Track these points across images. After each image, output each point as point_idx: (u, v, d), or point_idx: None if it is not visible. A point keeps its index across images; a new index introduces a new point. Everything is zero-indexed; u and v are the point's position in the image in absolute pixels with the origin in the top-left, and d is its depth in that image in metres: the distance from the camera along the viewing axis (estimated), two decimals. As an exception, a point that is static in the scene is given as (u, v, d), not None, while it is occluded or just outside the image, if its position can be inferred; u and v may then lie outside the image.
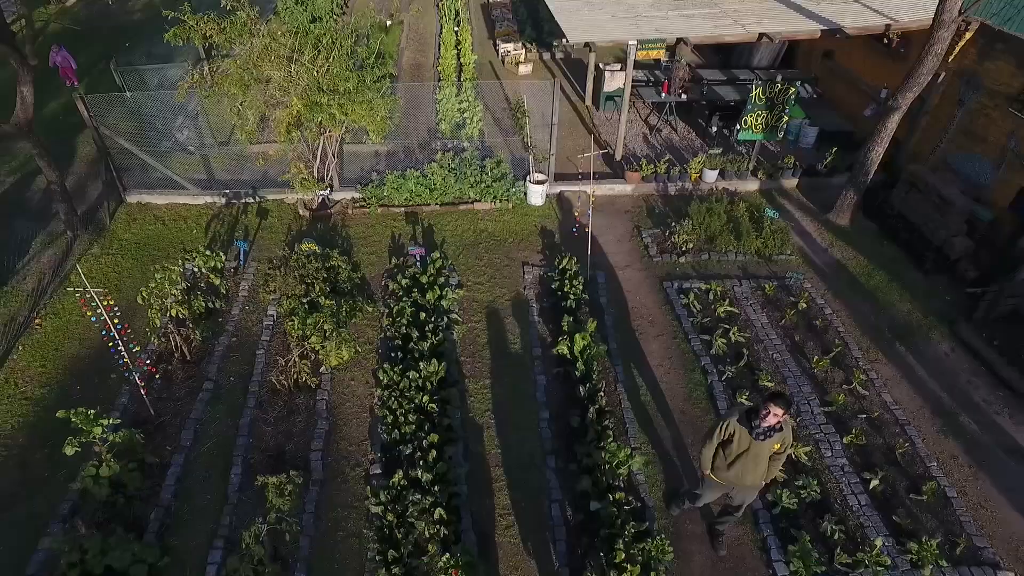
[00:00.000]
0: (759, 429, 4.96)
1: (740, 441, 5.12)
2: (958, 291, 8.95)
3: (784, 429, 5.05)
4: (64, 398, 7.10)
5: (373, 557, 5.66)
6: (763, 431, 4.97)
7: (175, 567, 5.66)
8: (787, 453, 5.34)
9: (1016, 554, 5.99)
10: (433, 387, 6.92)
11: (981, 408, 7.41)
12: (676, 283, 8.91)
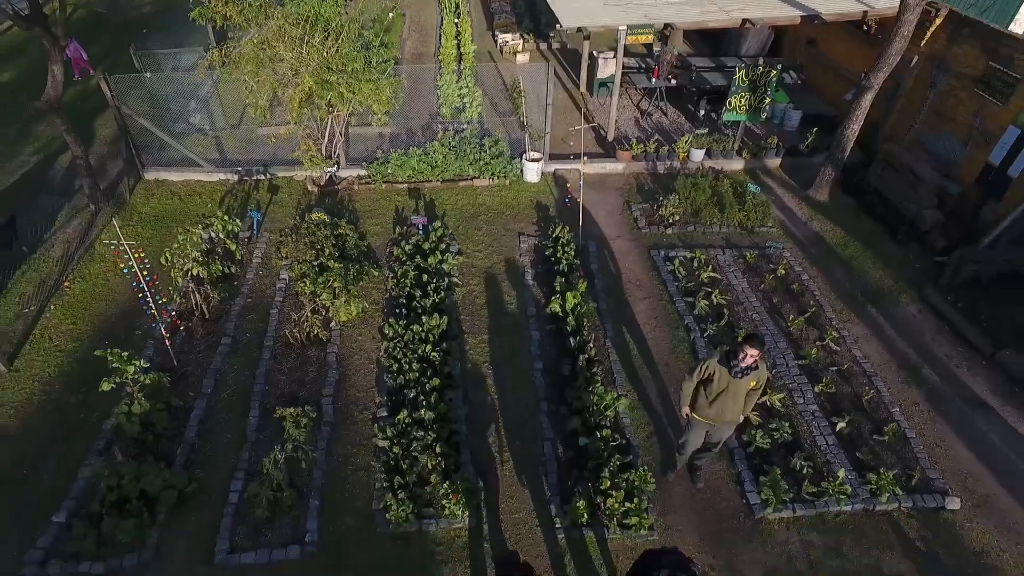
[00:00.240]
0: (737, 368, 5.48)
1: (720, 380, 5.62)
2: (927, 260, 9.50)
3: (759, 367, 5.57)
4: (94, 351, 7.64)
5: (381, 485, 6.20)
6: (740, 370, 5.49)
7: (201, 494, 6.21)
8: (761, 389, 5.87)
9: (964, 484, 6.53)
10: (435, 339, 7.46)
11: (943, 362, 7.96)
12: (663, 252, 9.46)
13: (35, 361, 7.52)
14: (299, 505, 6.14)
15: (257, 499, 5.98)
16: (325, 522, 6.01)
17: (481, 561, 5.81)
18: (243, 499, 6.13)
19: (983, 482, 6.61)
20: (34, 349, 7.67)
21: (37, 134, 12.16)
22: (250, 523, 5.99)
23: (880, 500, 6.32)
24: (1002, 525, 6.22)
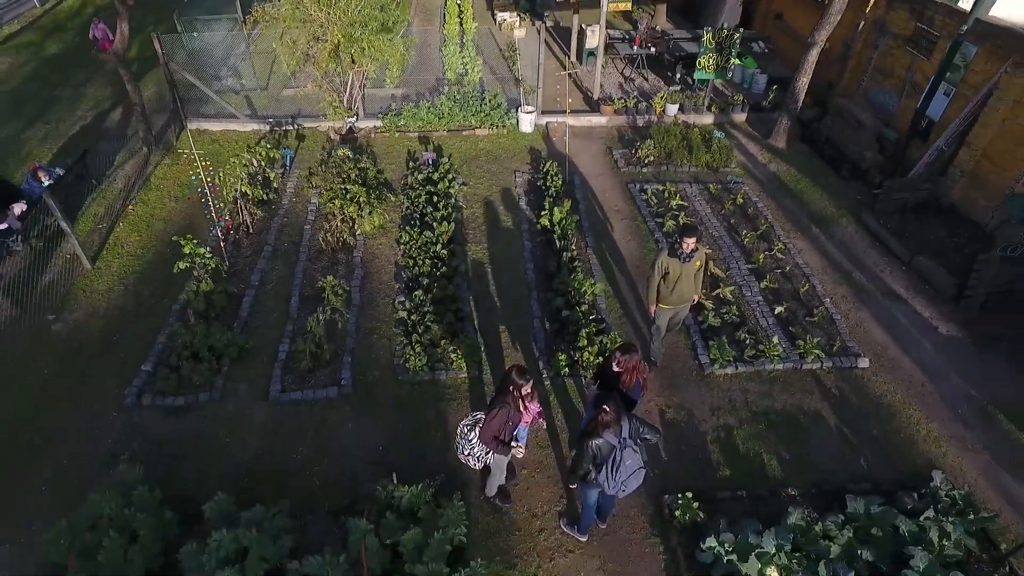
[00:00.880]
0: (683, 255, 6.83)
1: (673, 269, 6.95)
2: (866, 193, 10.87)
3: (699, 250, 6.93)
4: (159, 256, 9.02)
5: (401, 345, 7.58)
6: (686, 255, 6.84)
7: (255, 353, 7.58)
8: (705, 267, 7.21)
9: (874, 352, 7.90)
10: (444, 243, 8.84)
11: (870, 268, 9.34)
12: (638, 185, 10.84)
13: (112, 262, 8.91)
14: (335, 360, 7.51)
15: (302, 353, 7.36)
16: (356, 372, 7.39)
17: (482, 401, 7.18)
18: (290, 355, 7.50)
19: (890, 351, 7.99)
20: (110, 254, 9.05)
21: (88, 95, 13.54)
22: (296, 373, 7.36)
23: (806, 360, 7.70)
24: (900, 379, 7.59)
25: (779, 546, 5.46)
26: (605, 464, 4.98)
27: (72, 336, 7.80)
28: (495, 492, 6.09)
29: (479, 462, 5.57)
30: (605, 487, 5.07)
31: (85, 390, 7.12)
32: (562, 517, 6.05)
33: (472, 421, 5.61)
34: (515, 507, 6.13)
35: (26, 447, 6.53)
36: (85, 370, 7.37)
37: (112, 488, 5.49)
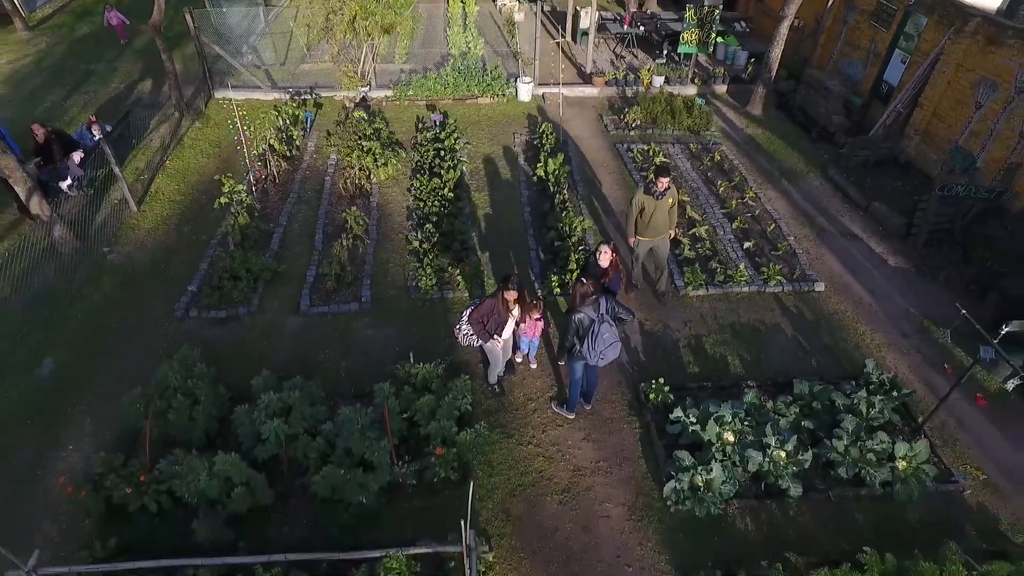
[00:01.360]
0: (657, 193, 7.79)
1: (648, 205, 7.90)
2: (833, 152, 11.87)
3: (671, 189, 7.89)
4: (195, 202, 10.04)
5: (413, 269, 8.59)
6: (660, 193, 7.80)
7: (285, 276, 8.59)
8: (677, 205, 8.17)
9: (830, 279, 8.90)
10: (451, 188, 9.85)
11: (832, 214, 10.34)
12: (625, 145, 11.85)
13: (155, 206, 9.92)
14: (356, 282, 8.52)
15: (327, 276, 8.39)
16: (375, 291, 8.40)
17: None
18: (316, 278, 8.52)
19: (844, 278, 8.99)
20: (152, 200, 10.07)
21: (120, 69, 14.56)
22: (322, 292, 8.37)
23: (769, 284, 8.71)
24: (851, 300, 8.59)
25: (735, 415, 6.47)
26: (587, 336, 5.99)
27: (125, 264, 8.83)
28: (495, 381, 7.09)
29: (467, 340, 6.49)
30: (588, 357, 6.08)
31: (141, 306, 8.14)
32: (553, 400, 7.06)
33: (471, 306, 6.60)
34: (512, 394, 7.14)
35: (97, 347, 7.54)
36: (139, 291, 8.39)
37: (177, 363, 6.51)
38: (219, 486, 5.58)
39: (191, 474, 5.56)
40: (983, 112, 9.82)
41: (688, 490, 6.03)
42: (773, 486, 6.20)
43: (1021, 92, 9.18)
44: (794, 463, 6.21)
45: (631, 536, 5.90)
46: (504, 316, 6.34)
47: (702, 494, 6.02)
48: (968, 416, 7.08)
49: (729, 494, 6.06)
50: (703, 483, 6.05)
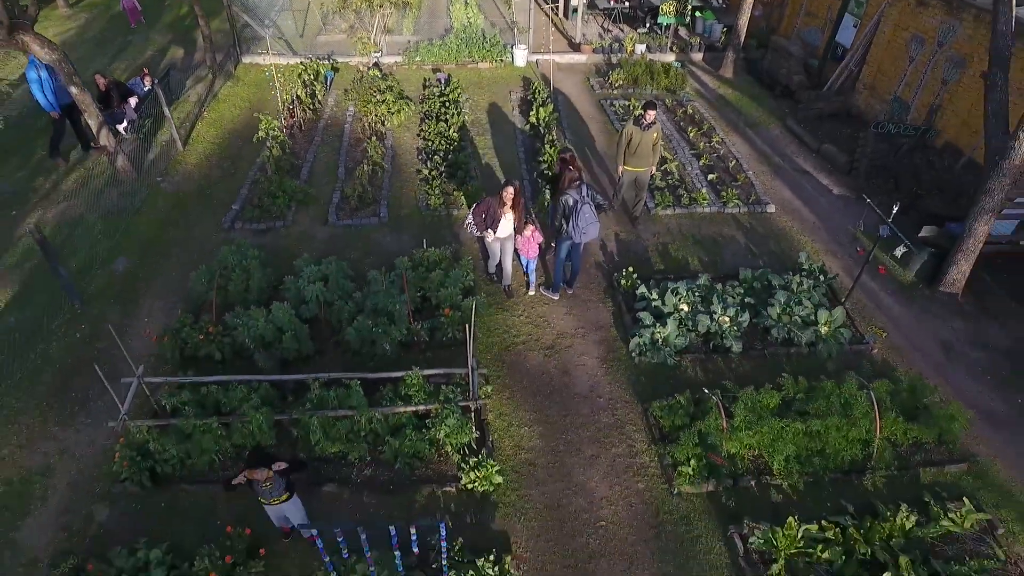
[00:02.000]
0: (644, 124, 9.13)
1: (635, 137, 9.21)
2: (793, 107, 13.26)
3: (656, 124, 9.23)
4: (232, 144, 11.43)
5: (423, 191, 9.97)
6: (646, 125, 9.15)
7: (314, 199, 9.96)
8: (660, 141, 9.49)
9: (780, 203, 10.29)
10: (455, 131, 11.24)
11: (787, 154, 11.73)
12: (609, 100, 13.24)
13: (197, 146, 11.31)
14: (374, 202, 9.91)
15: (350, 197, 9.78)
16: (391, 209, 9.79)
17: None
18: (341, 199, 9.91)
19: (794, 203, 10.38)
20: (194, 142, 11.45)
21: (155, 40, 15.95)
22: (346, 210, 9.76)
23: (728, 206, 10.10)
24: (798, 219, 9.97)
25: (689, 290, 7.87)
26: (571, 215, 7.37)
27: (176, 191, 10.21)
28: (493, 271, 8.46)
29: (471, 230, 7.81)
30: (572, 236, 7.46)
31: (192, 221, 9.53)
32: (540, 286, 8.44)
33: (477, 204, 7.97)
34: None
35: (159, 250, 8.92)
36: (190, 211, 9.77)
37: (235, 246, 7.90)
38: (273, 331, 6.97)
39: (252, 321, 6.95)
40: (915, 65, 11.21)
41: (649, 343, 7.43)
42: (719, 344, 7.59)
43: (942, 45, 10.58)
44: (736, 325, 7.60)
45: (602, 378, 7.29)
46: (499, 213, 7.66)
47: (660, 347, 7.42)
48: (875, 293, 8.49)
49: (682, 347, 7.46)
50: (661, 338, 7.44)
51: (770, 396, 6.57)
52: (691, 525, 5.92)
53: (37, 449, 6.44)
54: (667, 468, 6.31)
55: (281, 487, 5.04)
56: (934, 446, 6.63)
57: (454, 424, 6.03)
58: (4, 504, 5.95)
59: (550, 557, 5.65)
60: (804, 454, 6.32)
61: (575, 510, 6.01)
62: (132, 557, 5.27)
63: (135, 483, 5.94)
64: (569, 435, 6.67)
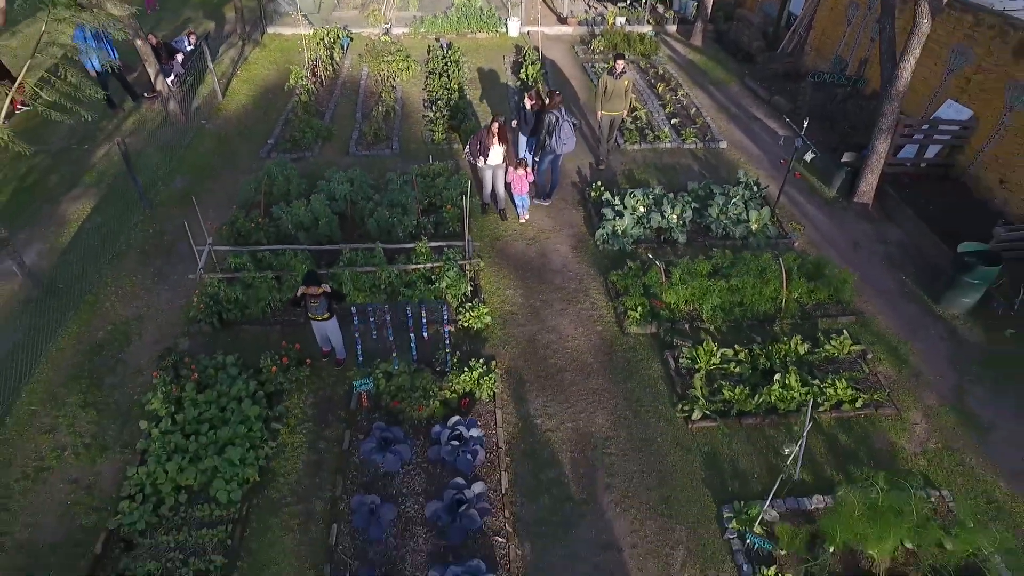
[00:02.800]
0: (616, 74, 10.84)
1: (609, 85, 10.88)
2: (752, 69, 14.99)
3: (627, 73, 10.95)
4: (264, 97, 13.18)
5: (427, 128, 11.72)
6: (618, 74, 10.86)
7: (335, 137, 11.73)
8: (631, 88, 11.19)
9: (731, 141, 12.03)
10: (456, 85, 12.98)
11: (742, 105, 13.47)
12: (590, 64, 14.99)
13: (234, 98, 13.07)
14: (388, 139, 11.67)
15: (367, 134, 11.53)
16: (402, 144, 11.53)
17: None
18: (360, 135, 11.67)
19: (743, 142, 12.11)
20: (232, 93, 13.22)
21: (184, 15, 17.74)
22: (364, 143, 11.51)
23: (686, 142, 11.84)
24: (745, 152, 11.71)
25: (644, 194, 9.61)
26: (553, 131, 9.11)
27: (219, 131, 11.96)
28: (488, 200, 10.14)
29: (467, 157, 9.53)
30: (555, 148, 9.19)
31: (235, 153, 11.28)
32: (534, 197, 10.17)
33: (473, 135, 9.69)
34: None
35: (208, 174, 10.68)
36: (232, 145, 11.52)
37: (276, 162, 9.66)
38: (311, 219, 8.72)
39: (293, 211, 8.70)
40: (851, 27, 12.94)
41: (610, 233, 9.17)
42: (668, 236, 9.32)
43: (871, 8, 12.31)
44: (682, 221, 9.34)
45: (572, 259, 9.04)
46: (488, 143, 9.34)
47: (619, 237, 9.16)
48: (803, 204, 10.25)
49: (637, 237, 9.21)
50: (620, 230, 9.19)
51: (702, 265, 8.32)
52: (636, 353, 7.66)
53: (130, 304, 8.20)
54: (620, 315, 8.05)
55: (325, 306, 6.78)
56: (831, 304, 8.37)
57: (454, 277, 7.78)
58: (111, 338, 7.71)
59: (528, 371, 7.40)
60: (727, 305, 8.05)
61: (547, 342, 7.76)
62: (212, 360, 7.03)
63: (208, 323, 7.68)
64: (544, 296, 8.42)
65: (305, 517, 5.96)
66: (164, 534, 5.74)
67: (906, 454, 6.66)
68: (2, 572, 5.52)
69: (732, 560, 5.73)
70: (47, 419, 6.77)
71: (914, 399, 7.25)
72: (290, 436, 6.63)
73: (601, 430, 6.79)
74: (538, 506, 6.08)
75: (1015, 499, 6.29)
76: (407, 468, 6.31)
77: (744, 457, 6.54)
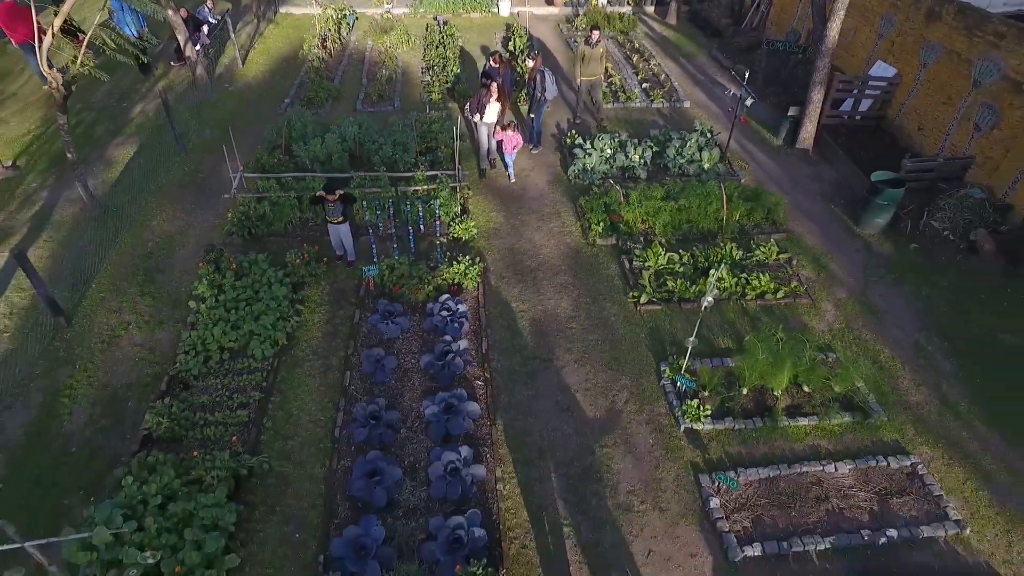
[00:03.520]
0: (591, 43, 12.30)
1: (586, 53, 12.23)
2: (719, 43, 16.45)
3: (602, 42, 12.39)
4: (278, 66, 14.65)
5: (427, 91, 13.19)
6: (593, 43, 12.30)
7: (345, 96, 13.20)
8: (606, 54, 12.66)
9: (695, 101, 13.51)
10: (452, 56, 14.45)
11: (708, 73, 14.93)
12: (572, 39, 16.47)
13: (252, 66, 14.54)
14: (390, 98, 13.13)
15: (372, 95, 13.00)
16: (403, 102, 13.00)
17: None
18: (365, 95, 13.14)
19: (705, 101, 13.57)
20: (251, 62, 14.69)
21: None
22: (369, 101, 12.97)
23: (654, 102, 13.30)
24: (706, 110, 13.17)
25: (611, 139, 11.06)
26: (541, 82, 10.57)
27: (240, 93, 13.44)
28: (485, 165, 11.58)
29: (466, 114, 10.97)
30: (546, 96, 10.65)
31: (256, 110, 12.76)
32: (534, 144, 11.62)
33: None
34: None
35: (234, 126, 12.12)
36: (253, 104, 12.99)
37: (294, 112, 11.13)
38: (326, 154, 10.19)
39: (311, 147, 10.17)
40: (803, 3, 14.40)
41: (581, 169, 10.63)
42: (631, 173, 10.78)
43: (820, -18, 13.76)
44: (643, 160, 10.80)
45: (548, 191, 10.51)
46: (484, 102, 10.77)
47: (589, 172, 10.63)
48: (753, 151, 11.71)
49: (604, 173, 10.67)
50: (589, 167, 10.65)
51: (656, 190, 9.80)
52: (598, 258, 9.12)
53: (173, 223, 9.67)
54: (586, 230, 9.52)
55: (340, 210, 8.24)
56: (767, 224, 9.82)
57: (446, 197, 9.25)
58: (159, 248, 9.17)
59: (507, 270, 8.86)
60: (677, 222, 9.51)
61: (524, 249, 9.23)
62: (247, 257, 8.49)
63: (240, 236, 9.14)
64: (522, 217, 9.89)
65: (324, 368, 7.43)
66: (213, 379, 7.20)
67: (816, 331, 8.11)
68: (92, 402, 6.99)
69: (665, 399, 7.19)
70: (113, 303, 8.24)
71: (827, 293, 8.72)
72: (310, 314, 8.11)
73: (565, 311, 8.25)
74: (511, 362, 7.55)
75: (894, 361, 7.76)
76: (406, 335, 7.78)
77: (681, 331, 8.00)
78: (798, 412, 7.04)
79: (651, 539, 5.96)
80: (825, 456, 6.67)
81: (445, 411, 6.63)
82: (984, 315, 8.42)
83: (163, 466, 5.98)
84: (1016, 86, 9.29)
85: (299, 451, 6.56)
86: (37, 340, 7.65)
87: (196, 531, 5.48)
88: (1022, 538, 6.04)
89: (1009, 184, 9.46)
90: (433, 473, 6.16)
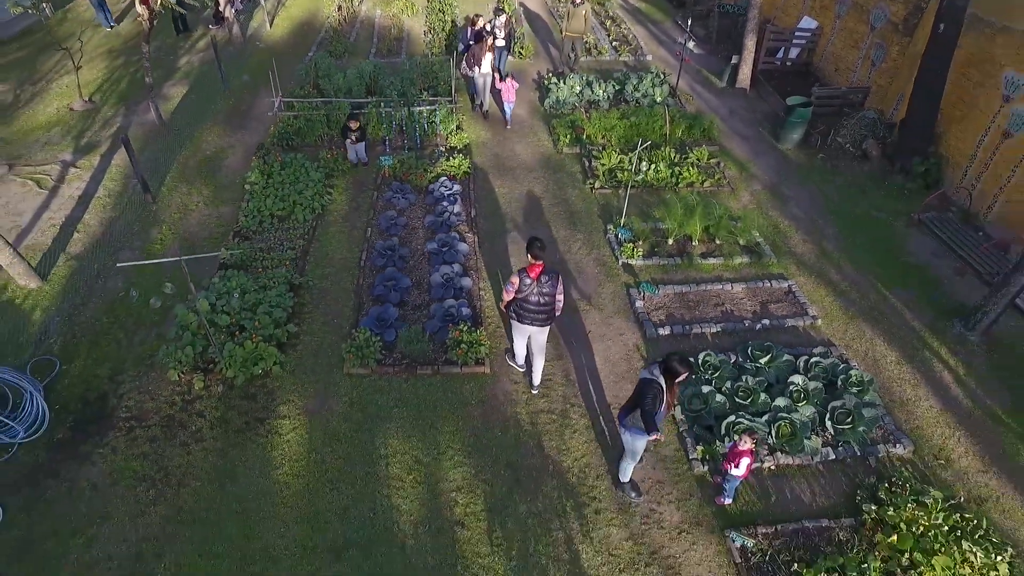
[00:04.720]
0: (576, 3, 14.65)
1: (570, 12, 14.76)
2: (683, 12, 18.83)
3: (584, 3, 14.71)
4: (300, 30, 17.05)
5: (429, 50, 15.57)
6: (577, 3, 14.61)
7: (360, 51, 15.58)
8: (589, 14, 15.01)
9: (657, 56, 15.91)
10: (449, 19, 16.86)
11: (670, 35, 17.33)
12: (556, 9, 18.87)
13: (278, 27, 16.97)
14: (399, 52, 15.52)
15: (382, 50, 15.38)
16: (408, 56, 15.39)
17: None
18: (376, 50, 15.53)
19: (664, 55, 15.96)
20: (276, 26, 17.11)
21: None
22: (381, 54, 15.36)
23: (621, 56, 15.68)
24: (665, 63, 15.56)
25: (580, 78, 13.43)
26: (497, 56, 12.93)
27: (270, 49, 15.83)
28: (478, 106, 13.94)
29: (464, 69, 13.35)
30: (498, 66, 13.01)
31: (283, 61, 15.14)
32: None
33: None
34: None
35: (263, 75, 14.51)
36: (280, 56, 15.36)
37: (321, 55, 13.52)
38: (347, 85, 12.57)
39: (334, 80, 12.54)
40: (753, -27, 16.78)
41: (554, 101, 13.01)
42: (596, 105, 13.14)
43: (763, -46, 16.15)
44: (606, 94, 13.16)
45: (528, 117, 12.91)
46: (480, 56, 13.11)
47: (561, 103, 13.00)
48: (700, 91, 14.11)
49: (575, 103, 13.03)
50: (561, 99, 13.01)
51: (613, 112, 12.16)
52: (564, 162, 11.50)
53: (223, 138, 12.04)
54: (555, 141, 11.89)
55: (359, 134, 10.60)
56: (703, 139, 12.17)
57: (445, 114, 11.62)
58: (215, 155, 11.54)
59: (492, 169, 11.23)
60: (628, 136, 11.85)
61: (507, 155, 11.61)
62: (289, 154, 10.85)
63: (279, 147, 11.50)
64: (504, 136, 12.29)
65: (351, 228, 9.78)
66: (267, 234, 9.54)
67: (733, 209, 10.44)
68: (175, 248, 9.33)
69: (608, 246, 9.53)
70: (183, 189, 10.60)
71: (745, 186, 11.07)
72: (339, 195, 10.46)
73: (536, 193, 10.62)
74: (493, 222, 9.91)
75: (790, 227, 10.10)
76: (412, 206, 10.12)
77: (627, 209, 10.34)
78: (710, 255, 9.37)
79: (593, 326, 8.28)
80: (726, 281, 9.00)
81: (442, 246, 8.97)
82: (865, 201, 10.77)
83: (237, 276, 8.32)
84: (894, 27, 11.66)
85: (334, 275, 8.91)
86: (133, 210, 10.00)
87: (265, 307, 7.82)
88: (855, 327, 8.37)
89: (894, 106, 11.81)
90: (433, 282, 8.49)
